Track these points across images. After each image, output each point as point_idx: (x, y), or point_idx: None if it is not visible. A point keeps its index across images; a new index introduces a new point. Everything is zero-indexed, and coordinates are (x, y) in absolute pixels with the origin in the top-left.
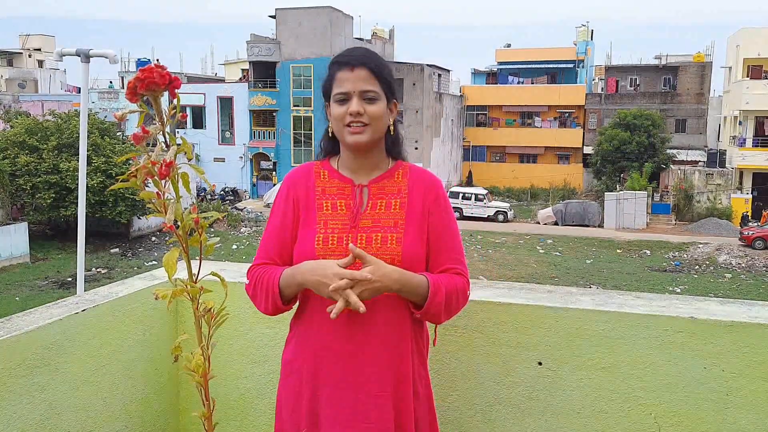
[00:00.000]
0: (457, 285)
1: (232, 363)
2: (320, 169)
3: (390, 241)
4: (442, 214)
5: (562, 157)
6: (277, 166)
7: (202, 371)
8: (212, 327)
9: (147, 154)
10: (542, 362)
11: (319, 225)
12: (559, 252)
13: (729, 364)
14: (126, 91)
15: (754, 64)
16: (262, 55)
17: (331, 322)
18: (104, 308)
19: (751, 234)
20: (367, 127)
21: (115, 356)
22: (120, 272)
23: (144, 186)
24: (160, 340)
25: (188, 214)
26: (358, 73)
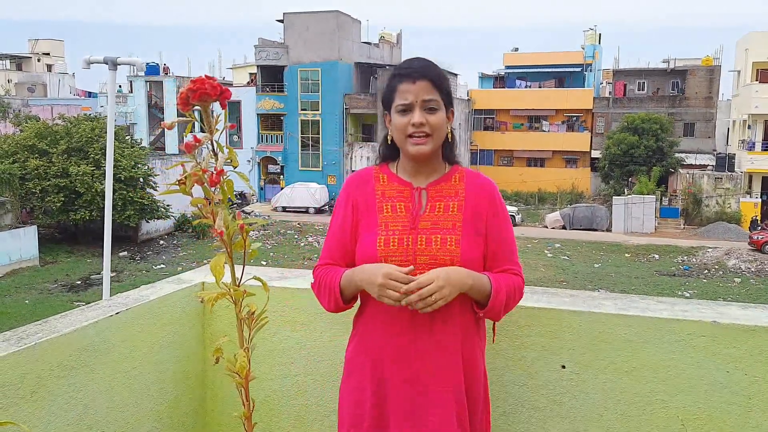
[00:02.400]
0: (515, 284)
1: (257, 366)
2: (379, 173)
3: (449, 243)
4: (499, 217)
5: (569, 161)
6: (285, 170)
7: (245, 373)
8: (253, 330)
9: (197, 161)
10: (566, 366)
11: (381, 227)
12: (567, 256)
13: (751, 368)
14: (178, 101)
15: (763, 67)
16: (269, 59)
17: (393, 322)
18: (136, 311)
19: (761, 238)
20: (429, 137)
21: (147, 358)
22: (128, 276)
23: (191, 192)
24: (188, 343)
25: (234, 220)
26: (419, 85)
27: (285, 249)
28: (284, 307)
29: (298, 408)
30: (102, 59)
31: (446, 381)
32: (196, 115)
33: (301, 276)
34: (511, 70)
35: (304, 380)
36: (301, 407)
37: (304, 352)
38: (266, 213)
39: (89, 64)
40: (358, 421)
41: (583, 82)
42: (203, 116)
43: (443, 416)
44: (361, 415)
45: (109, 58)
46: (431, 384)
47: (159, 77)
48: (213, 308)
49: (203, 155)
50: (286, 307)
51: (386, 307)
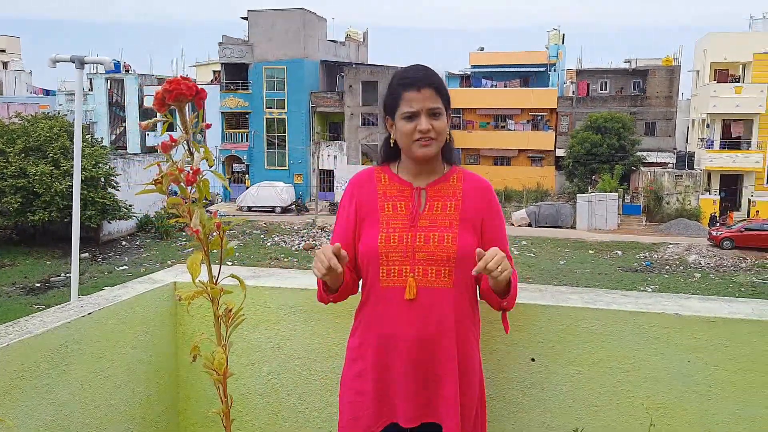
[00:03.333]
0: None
1: (231, 364)
2: (381, 173)
3: (446, 240)
4: (494, 216)
5: (535, 159)
6: (250, 169)
7: (223, 369)
8: (230, 327)
9: (173, 161)
10: (535, 359)
11: (382, 225)
12: (533, 253)
13: (711, 357)
14: (154, 101)
15: (721, 68)
16: (234, 57)
17: (393, 310)
18: (108, 312)
19: (720, 234)
20: (434, 141)
21: (119, 358)
22: (90, 277)
23: (168, 192)
24: (161, 343)
25: (210, 219)
26: (424, 93)
27: (251, 249)
28: (257, 305)
29: (272, 405)
30: (69, 58)
31: (445, 367)
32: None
33: (274, 275)
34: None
35: (278, 378)
36: (275, 404)
37: (277, 350)
38: (231, 213)
39: (55, 63)
40: (359, 409)
41: (547, 82)
42: (179, 116)
43: (447, 400)
44: (363, 402)
45: (76, 57)
46: (432, 370)
47: (120, 75)
48: (185, 308)
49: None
50: (259, 305)
51: (386, 297)
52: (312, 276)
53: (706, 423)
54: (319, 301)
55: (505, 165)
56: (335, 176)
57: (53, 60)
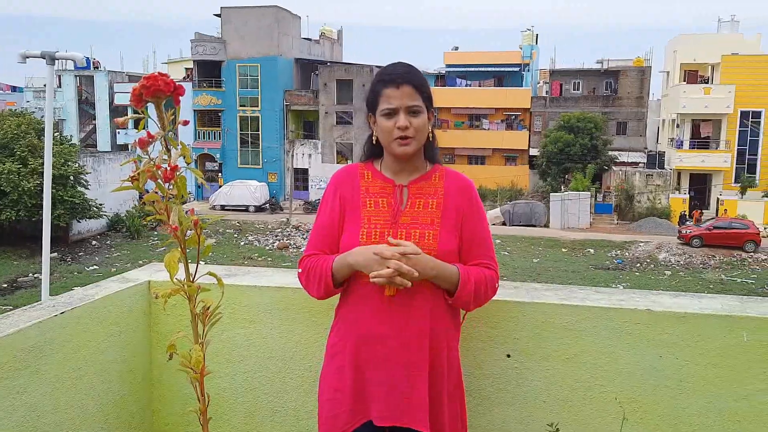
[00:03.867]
0: (486, 276)
1: (207, 363)
2: (364, 170)
3: (427, 237)
4: (475, 214)
5: (509, 158)
6: (223, 168)
7: (200, 368)
8: (207, 325)
9: (150, 157)
10: (510, 354)
11: (364, 221)
12: (508, 252)
13: (682, 352)
14: (131, 97)
15: (691, 69)
16: (206, 54)
17: (372, 308)
18: (81, 311)
19: (689, 232)
20: (413, 138)
21: (92, 358)
22: (59, 278)
23: (145, 189)
24: (135, 342)
25: (187, 216)
26: (403, 90)
27: (224, 249)
28: (233, 304)
29: (249, 404)
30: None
31: (419, 364)
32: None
33: (249, 273)
34: (452, 68)
35: (254, 377)
36: (251, 403)
37: (253, 349)
38: (204, 212)
39: (25, 59)
40: (337, 406)
41: (521, 82)
42: (156, 112)
43: (419, 398)
44: (340, 399)
45: (46, 53)
46: (405, 366)
47: (90, 72)
48: (161, 307)
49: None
50: (235, 304)
51: (366, 294)
52: (288, 275)
53: (677, 416)
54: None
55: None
56: (310, 175)
57: (23, 55)
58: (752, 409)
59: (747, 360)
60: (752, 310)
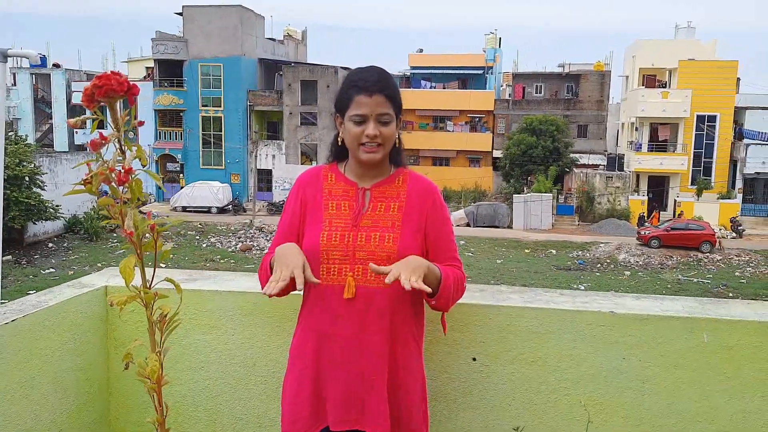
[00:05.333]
0: (458, 276)
1: (167, 370)
2: (328, 172)
3: (386, 240)
4: (440, 217)
5: (473, 160)
6: (185, 168)
7: (157, 377)
8: (164, 333)
9: (103, 160)
10: (476, 358)
11: (325, 223)
12: (471, 252)
13: (645, 354)
14: (82, 97)
15: (649, 73)
16: (168, 53)
17: (332, 309)
18: (34, 318)
19: (648, 234)
20: (381, 147)
21: (45, 367)
22: (13, 282)
23: (99, 192)
24: (91, 350)
25: (144, 220)
26: (375, 99)
27: (185, 251)
28: (193, 310)
29: (210, 412)
30: None
31: (379, 368)
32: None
33: (211, 278)
34: (416, 70)
35: (215, 384)
36: (213, 411)
37: (215, 355)
38: (165, 213)
39: None
40: (298, 411)
41: (484, 84)
42: (110, 113)
43: (377, 402)
44: (301, 404)
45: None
46: (364, 370)
47: (47, 70)
48: (117, 313)
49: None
50: (195, 309)
51: (324, 296)
52: (251, 279)
53: (640, 417)
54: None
55: (444, 165)
56: (273, 176)
57: None
58: (712, 410)
59: (707, 361)
60: (712, 311)
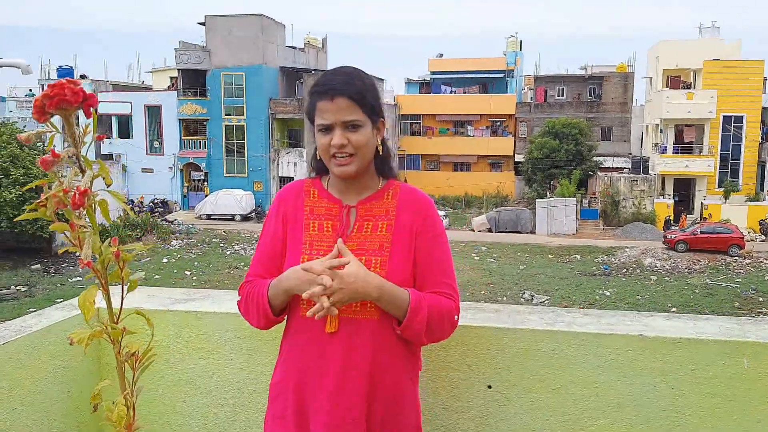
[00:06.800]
0: (443, 307)
1: (162, 397)
2: (311, 187)
3: (374, 265)
4: (431, 235)
5: (494, 165)
6: (209, 177)
7: (126, 422)
8: (137, 371)
9: (59, 180)
10: (492, 385)
11: (305, 246)
12: (494, 258)
13: (677, 381)
14: (33, 110)
15: (673, 74)
16: (191, 63)
17: (314, 343)
18: (16, 345)
19: (674, 237)
20: (353, 157)
21: (31, 397)
22: (42, 290)
23: (56, 216)
24: (81, 377)
25: (107, 247)
26: (338, 103)
27: (210, 258)
28: (189, 333)
29: None
30: None
31: (364, 403)
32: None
33: (209, 297)
34: (437, 75)
35: (214, 411)
36: None
37: (213, 381)
38: (190, 221)
39: None
40: None
41: (505, 88)
42: (65, 127)
43: None
44: None
45: None
46: (352, 408)
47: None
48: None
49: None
50: (193, 332)
51: (305, 328)
52: None
53: None
54: (258, 327)
55: (465, 171)
56: None
57: None
58: None
59: (747, 389)
60: (752, 334)
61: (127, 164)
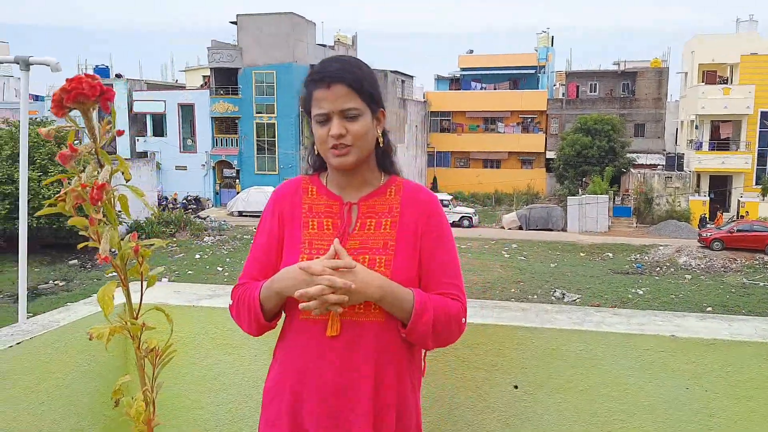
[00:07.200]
0: (449, 309)
1: (187, 392)
2: (309, 184)
3: (378, 264)
4: (437, 233)
5: (525, 161)
6: (240, 174)
7: (145, 418)
8: (158, 367)
9: (78, 175)
10: (518, 386)
11: (304, 245)
12: (524, 256)
13: (711, 384)
14: (51, 104)
15: (709, 69)
16: (223, 62)
17: (312, 349)
18: (43, 339)
19: (709, 235)
20: (352, 147)
21: (57, 391)
22: (78, 284)
23: (75, 211)
24: (107, 372)
25: (127, 242)
26: (335, 91)
27: (242, 254)
28: (215, 329)
29: None
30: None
31: (365, 410)
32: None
33: None
34: (467, 72)
35: (239, 407)
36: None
37: (238, 377)
38: (222, 218)
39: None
40: None
41: (536, 84)
42: (84, 121)
43: None
44: None
45: (20, 57)
46: (349, 413)
47: (108, 80)
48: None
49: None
50: (217, 329)
51: (303, 332)
52: None
53: None
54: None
55: (495, 167)
56: None
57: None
58: None
59: None
60: None
61: (161, 162)
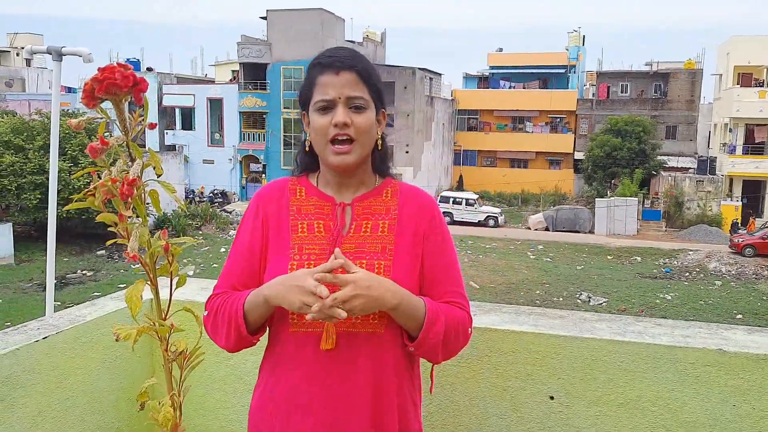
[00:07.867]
0: (458, 318)
1: (212, 392)
2: (296, 185)
3: (376, 270)
4: (438, 238)
5: (553, 162)
6: (267, 169)
7: (172, 424)
8: (185, 370)
9: (108, 168)
10: (554, 397)
11: (293, 250)
12: (550, 258)
13: (760, 401)
14: (82, 95)
15: (745, 71)
16: (252, 57)
17: (305, 364)
18: (69, 334)
19: (741, 241)
20: (354, 143)
21: (82, 387)
22: (105, 275)
23: (104, 205)
24: (132, 370)
25: (157, 240)
26: (344, 77)
27: None
28: None
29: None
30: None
31: None
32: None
33: None
34: (495, 70)
35: None
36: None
37: None
38: None
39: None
40: None
41: (566, 84)
42: (116, 113)
43: None
44: None
45: (52, 48)
46: None
47: (140, 74)
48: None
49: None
50: None
51: (297, 347)
52: None
53: None
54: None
55: (523, 167)
56: None
57: (29, 51)
58: None
59: None
60: None
61: (189, 155)
